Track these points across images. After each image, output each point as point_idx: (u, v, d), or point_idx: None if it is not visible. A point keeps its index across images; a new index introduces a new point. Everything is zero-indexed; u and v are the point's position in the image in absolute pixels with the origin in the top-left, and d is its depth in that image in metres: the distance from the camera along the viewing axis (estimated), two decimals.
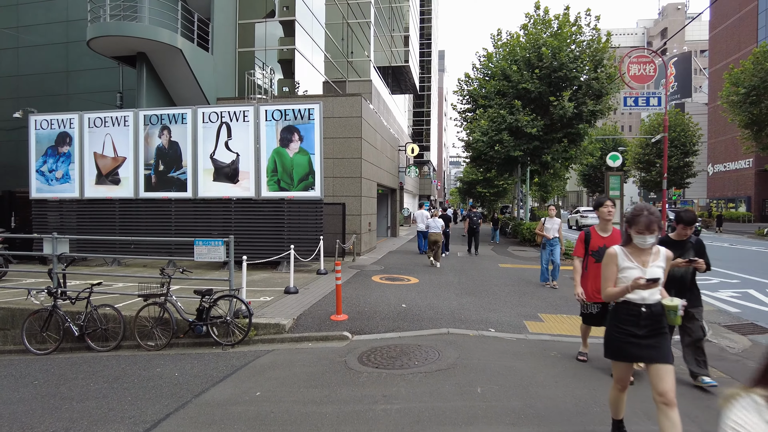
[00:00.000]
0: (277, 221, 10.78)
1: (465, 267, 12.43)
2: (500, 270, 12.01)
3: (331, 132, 14.02)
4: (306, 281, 9.57)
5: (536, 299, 8.36)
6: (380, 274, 10.64)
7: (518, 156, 19.74)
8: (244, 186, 10.85)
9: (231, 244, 6.54)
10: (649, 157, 43.10)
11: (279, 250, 10.56)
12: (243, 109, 10.83)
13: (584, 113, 18.84)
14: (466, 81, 26.21)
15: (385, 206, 22.54)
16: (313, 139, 10.45)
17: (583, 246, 4.84)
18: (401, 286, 9.22)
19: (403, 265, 12.62)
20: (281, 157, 10.62)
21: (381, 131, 17.58)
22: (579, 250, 4.88)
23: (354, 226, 13.98)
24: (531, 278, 10.59)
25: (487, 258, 14.70)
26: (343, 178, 14.01)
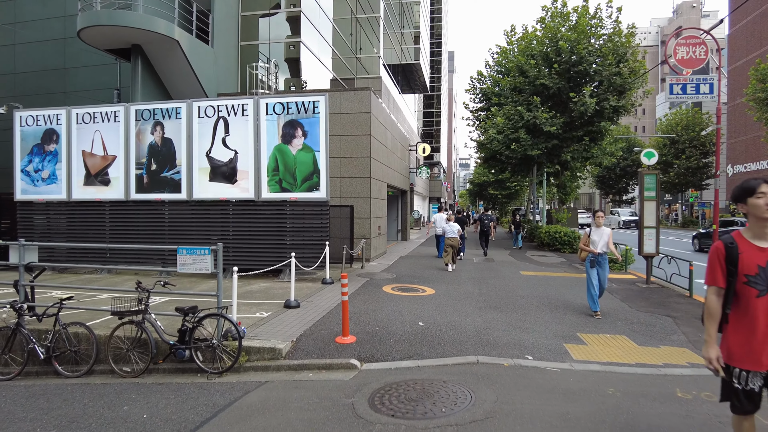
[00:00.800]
0: (278, 225, 9.83)
1: (484, 275, 11.39)
2: (523, 279, 10.95)
3: (339, 129, 13.08)
4: (310, 292, 8.60)
5: (570, 314, 7.31)
6: (392, 284, 9.64)
7: (536, 155, 18.65)
8: (242, 186, 9.93)
9: (219, 253, 5.58)
10: (667, 157, 41.67)
11: (280, 257, 9.61)
12: (242, 102, 9.91)
13: (606, 110, 17.72)
14: (479, 79, 25.25)
15: (396, 208, 21.55)
16: (318, 134, 9.49)
17: (724, 267, 2.62)
18: (416, 299, 8.21)
19: (416, 272, 11.61)
20: (283, 155, 9.67)
21: (391, 129, 16.61)
22: (716, 274, 2.64)
23: (363, 230, 13.01)
24: (558, 288, 9.52)
25: (506, 264, 13.63)
26: (351, 178, 13.05)
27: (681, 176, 40.91)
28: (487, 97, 24.54)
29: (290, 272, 9.36)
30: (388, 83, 25.20)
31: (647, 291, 9.57)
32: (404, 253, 16.38)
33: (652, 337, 6.10)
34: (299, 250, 9.69)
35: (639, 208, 10.38)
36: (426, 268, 12.37)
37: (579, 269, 12.97)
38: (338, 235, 12.01)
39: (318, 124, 9.47)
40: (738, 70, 47.60)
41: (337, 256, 10.89)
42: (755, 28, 44.77)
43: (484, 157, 26.74)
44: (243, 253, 10.00)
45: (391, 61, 27.71)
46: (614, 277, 11.48)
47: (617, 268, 12.81)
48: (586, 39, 18.06)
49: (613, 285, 10.23)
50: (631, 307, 7.98)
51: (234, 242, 10.03)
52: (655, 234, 10.19)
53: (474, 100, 25.46)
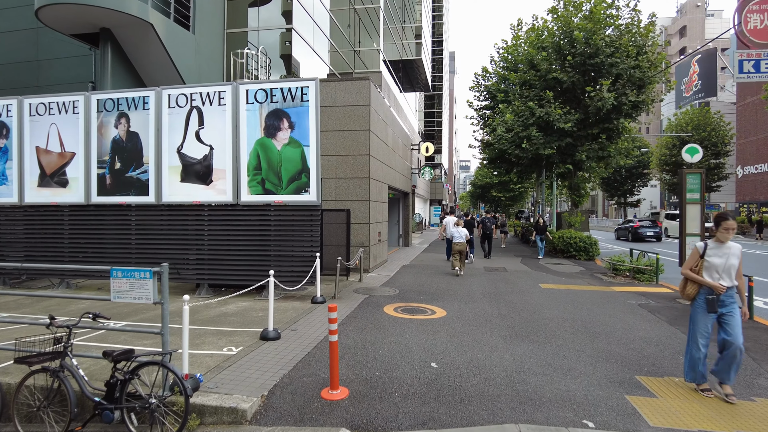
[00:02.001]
0: (261, 234, 8.39)
1: (499, 289, 9.94)
2: (544, 294, 9.51)
3: (334, 123, 11.66)
4: (296, 315, 7.14)
5: (614, 344, 5.86)
6: (394, 302, 8.18)
7: (549, 154, 17.23)
8: (219, 188, 8.48)
9: (165, 276, 4.14)
10: (677, 158, 40.22)
11: (263, 271, 8.16)
12: (218, 89, 8.48)
13: (625, 105, 16.30)
14: (484, 75, 23.90)
15: (397, 212, 20.11)
16: (306, 126, 8.06)
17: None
18: (424, 324, 6.75)
19: (422, 285, 10.16)
20: (266, 151, 8.23)
21: (392, 125, 15.19)
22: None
23: (361, 236, 11.57)
24: (588, 306, 8.07)
25: (522, 275, 12.18)
26: (348, 178, 11.62)
27: None
28: (492, 95, 23.21)
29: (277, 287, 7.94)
30: (389, 79, 23.81)
31: None
32: (407, 261, 14.92)
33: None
34: (285, 263, 8.25)
35: (680, 212, 8.96)
36: (433, 280, 10.92)
37: (603, 280, 11.54)
38: (333, 242, 10.58)
39: (307, 114, 8.04)
40: None
41: (332, 266, 9.45)
42: None
43: (490, 157, 25.34)
44: (220, 265, 8.56)
45: (391, 57, 26.32)
46: (644, 290, 10.04)
47: (646, 278, 11.38)
48: (603, 29, 16.68)
49: (650, 301, 8.79)
50: (684, 333, 6.54)
51: (210, 253, 8.59)
52: None
53: (479, 98, 24.12)
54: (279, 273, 8.26)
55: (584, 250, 16.64)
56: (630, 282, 11.30)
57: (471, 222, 18.18)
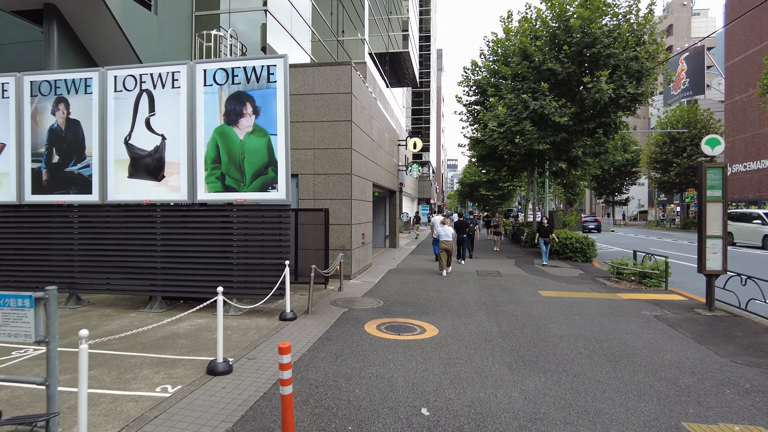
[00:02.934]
0: (221, 238, 7.19)
1: (496, 297, 8.87)
2: (546, 303, 8.46)
3: (312, 113, 10.49)
4: (258, 337, 5.97)
5: (642, 371, 4.81)
6: (378, 318, 7.05)
7: (543, 150, 16.26)
8: (172, 185, 7.27)
9: (52, 304, 2.96)
10: (667, 156, 39.82)
11: (225, 281, 7.00)
12: (172, 69, 7.26)
13: (623, 98, 15.39)
14: (473, 69, 22.90)
15: (383, 211, 18.99)
16: (274, 111, 6.88)
17: None
18: (413, 347, 5.63)
19: (409, 294, 9.04)
20: (227, 141, 7.04)
21: (377, 118, 14.06)
22: None
23: (342, 239, 10.43)
24: (599, 319, 7.03)
25: (518, 280, 11.14)
26: (327, 175, 10.46)
27: (681, 175, 39.04)
28: (482, 89, 22.23)
29: (232, 306, 6.77)
30: (375, 73, 22.66)
31: (718, 323, 7.13)
32: (393, 264, 13.80)
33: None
34: (250, 273, 7.08)
35: (699, 212, 7.99)
36: (422, 288, 9.81)
37: (606, 285, 10.57)
38: (311, 246, 9.42)
39: (274, 97, 6.87)
40: (736, 66, 46.07)
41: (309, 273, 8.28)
42: (755, 22, 43.22)
43: (480, 155, 24.38)
44: (175, 275, 7.35)
45: (377, 49, 25.18)
46: (654, 297, 9.06)
47: (653, 283, 10.43)
48: (600, 17, 15.76)
49: (666, 312, 7.80)
50: (719, 354, 5.53)
51: (163, 261, 7.37)
52: (721, 246, 7.78)
53: (468, 93, 23.13)
54: (243, 284, 7.09)
55: (581, 252, 15.71)
56: (636, 288, 10.34)
57: (464, 222, 17.16)
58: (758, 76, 42.14)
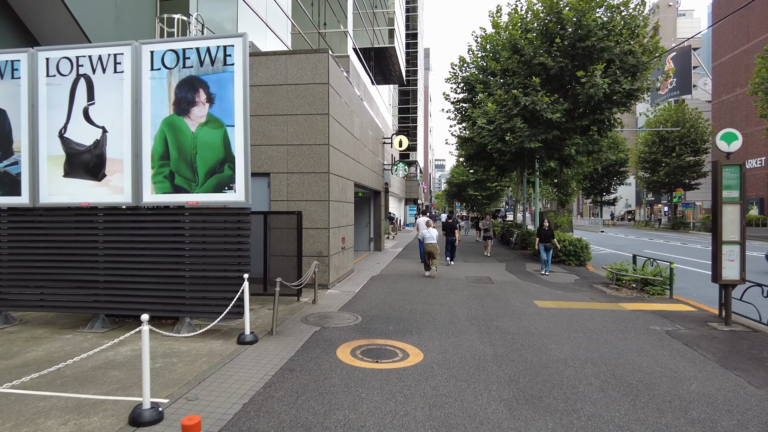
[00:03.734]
0: (172, 246, 6.19)
1: (488, 310, 7.98)
2: (544, 315, 7.60)
3: (284, 106, 9.52)
4: (207, 367, 4.98)
5: (668, 409, 3.94)
6: (354, 339, 6.09)
7: (535, 148, 15.46)
8: (114, 185, 6.24)
9: None
10: (656, 155, 39.50)
11: (176, 297, 6.01)
12: (114, 51, 6.23)
13: (618, 93, 14.65)
14: (461, 66, 22.10)
15: (367, 213, 18.05)
16: (231, 99, 5.90)
17: None
18: (392, 379, 4.70)
19: (392, 307, 8.11)
20: (176, 133, 6.04)
21: (359, 113, 13.11)
22: None
23: (319, 244, 9.46)
24: (605, 336, 6.17)
25: (511, 288, 10.28)
26: (302, 174, 9.49)
27: (670, 175, 38.73)
28: (470, 86, 21.45)
29: (187, 323, 5.81)
30: (359, 67, 21.70)
31: (740, 341, 6.31)
32: (377, 270, 12.86)
33: None
34: (204, 287, 6.09)
35: (714, 215, 7.20)
36: (406, 298, 8.89)
37: (606, 293, 9.77)
38: (283, 252, 8.46)
39: (231, 82, 5.88)
40: (723, 66, 46.00)
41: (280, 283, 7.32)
42: (741, 22, 43.14)
43: (468, 154, 23.60)
44: (120, 289, 6.32)
45: (362, 44, 24.23)
46: (660, 307, 8.27)
47: (656, 291, 9.65)
48: (594, 9, 15.02)
49: (677, 326, 7.00)
50: (752, 383, 4.70)
51: (106, 273, 6.34)
52: (739, 252, 6.99)
53: (455, 90, 22.33)
54: (197, 301, 6.10)
55: (575, 255, 14.95)
56: (639, 296, 9.54)
57: (452, 224, 16.32)
58: (745, 75, 42.10)
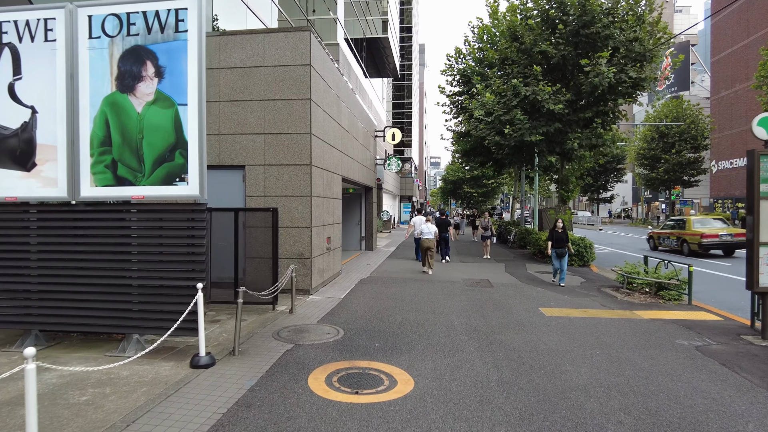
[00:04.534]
0: (116, 249, 5.19)
1: (489, 319, 7.03)
2: (552, 327, 6.67)
3: (261, 90, 8.53)
4: (144, 401, 3.98)
5: None
6: (332, 361, 5.11)
7: (536, 142, 14.53)
8: (46, 176, 5.23)
9: None
10: (655, 152, 38.73)
11: (120, 309, 5.04)
12: (44, 15, 5.20)
13: (624, 83, 13.71)
14: (457, 57, 21.17)
15: (358, 210, 17.07)
16: (184, 72, 4.91)
17: None
18: (373, 418, 3.73)
19: (381, 317, 7.15)
20: (120, 114, 5.04)
21: (348, 102, 12.11)
22: None
23: (300, 245, 8.48)
24: (626, 353, 5.24)
25: (512, 292, 9.35)
26: (280, 166, 8.51)
27: (670, 172, 37.98)
28: (467, 78, 20.52)
29: (135, 340, 4.86)
30: (350, 57, 20.68)
31: None
32: (367, 272, 11.90)
33: None
34: (154, 298, 5.10)
35: (747, 212, 6.29)
36: (397, 304, 7.93)
37: (617, 299, 8.87)
38: (259, 253, 7.49)
39: (184, 53, 4.90)
40: (722, 61, 45.35)
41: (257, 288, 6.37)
42: (741, 17, 42.43)
43: (464, 149, 22.67)
44: (56, 300, 5.32)
45: (354, 35, 23.20)
46: (681, 316, 7.36)
47: (673, 296, 8.75)
48: None
49: (707, 340, 6.09)
50: None
51: (40, 281, 5.33)
52: None
53: (451, 83, 21.39)
54: (146, 313, 5.11)
55: (578, 255, 14.06)
56: (653, 302, 8.65)
57: (446, 221, 15.49)
58: (746, 71, 41.42)
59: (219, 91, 8.66)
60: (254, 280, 7.51)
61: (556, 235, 10.37)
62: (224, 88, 8.65)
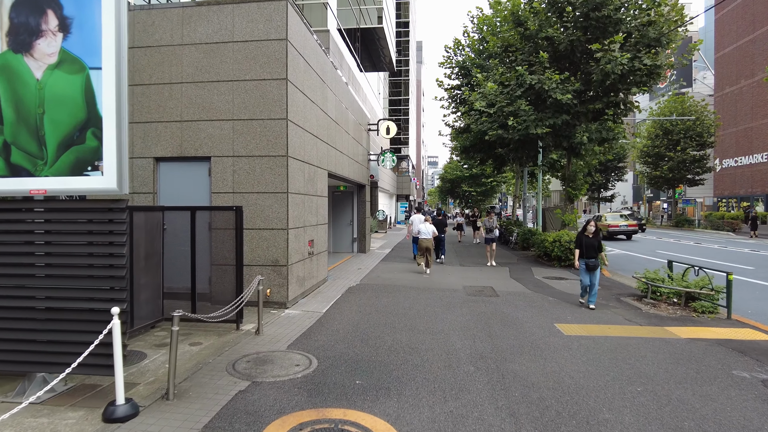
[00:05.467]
0: (14, 260, 3.97)
1: (499, 343, 5.83)
2: (575, 351, 5.48)
3: (229, 70, 7.31)
4: None
5: None
6: (295, 410, 3.86)
7: (541, 135, 13.35)
8: None
9: None
10: (659, 149, 37.59)
11: (21, 339, 3.83)
12: None
13: (638, 71, 12.51)
14: (456, 48, 20.01)
15: (350, 209, 15.85)
16: (96, 27, 3.67)
17: None
18: None
19: (366, 339, 5.93)
20: (13, 82, 3.81)
21: (335, 87, 10.89)
22: None
23: (274, 250, 7.26)
24: (676, 390, 4.07)
25: (522, 303, 8.15)
26: (252, 157, 7.29)
27: (674, 170, 36.87)
28: (466, 71, 19.37)
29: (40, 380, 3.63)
30: (342, 46, 19.45)
31: None
32: (358, 278, 10.69)
33: None
34: (64, 325, 3.88)
35: None
36: (388, 321, 6.73)
37: (642, 311, 7.69)
38: (220, 260, 6.29)
39: (98, 3, 3.67)
40: (726, 57, 44.26)
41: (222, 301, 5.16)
42: (746, 11, 41.36)
43: (463, 146, 21.52)
44: None
45: (347, 24, 21.99)
46: (724, 334, 6.15)
47: (707, 308, 7.56)
48: None
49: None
50: None
51: None
52: None
53: (450, 76, 20.24)
54: (56, 346, 3.89)
55: None
56: (685, 315, 7.46)
57: (442, 221, 14.43)
58: (751, 66, 40.36)
59: (181, 71, 7.44)
60: (218, 292, 6.32)
61: (587, 241, 7.89)
62: (187, 68, 7.43)
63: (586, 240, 7.96)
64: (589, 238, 7.97)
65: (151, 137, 7.51)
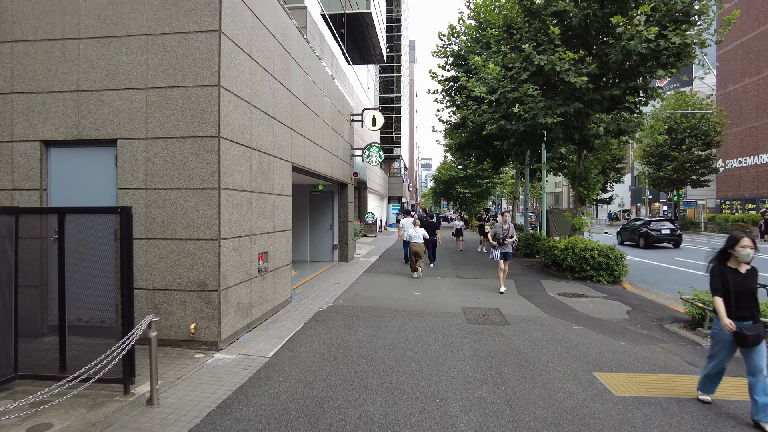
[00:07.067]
0: None
1: (522, 414, 3.84)
2: (639, 426, 3.50)
3: (142, 21, 5.27)
4: None
5: None
6: None
7: (551, 125, 11.39)
8: None
9: None
10: (663, 149, 35.88)
11: None
12: None
13: (666, 51, 10.57)
14: (450, 35, 18.15)
15: (329, 212, 13.80)
16: None
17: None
18: None
19: (319, 416, 3.92)
20: None
21: (304, 62, 8.85)
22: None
23: (199, 269, 5.21)
24: None
25: (539, 335, 6.15)
26: (170, 139, 5.24)
27: (678, 171, 35.19)
28: (462, 59, 17.50)
29: None
30: (324, 30, 17.44)
31: None
32: (331, 298, 8.63)
33: None
34: None
35: None
36: (359, 370, 4.71)
37: (703, 348, 5.71)
38: (96, 285, 4.23)
39: None
40: (729, 54, 42.73)
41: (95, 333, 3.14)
42: (751, 5, 39.84)
43: (459, 143, 19.63)
44: None
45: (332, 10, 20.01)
46: None
47: None
48: None
49: None
50: None
51: None
52: None
53: (444, 66, 18.37)
54: None
55: (607, 269, 10.93)
56: None
57: (434, 224, 12.67)
58: (755, 63, 38.86)
59: (78, 22, 5.39)
60: (106, 333, 4.26)
61: (738, 285, 3.86)
62: (87, 18, 5.38)
63: (736, 281, 3.87)
64: (742, 278, 3.88)
65: (37, 113, 5.45)
